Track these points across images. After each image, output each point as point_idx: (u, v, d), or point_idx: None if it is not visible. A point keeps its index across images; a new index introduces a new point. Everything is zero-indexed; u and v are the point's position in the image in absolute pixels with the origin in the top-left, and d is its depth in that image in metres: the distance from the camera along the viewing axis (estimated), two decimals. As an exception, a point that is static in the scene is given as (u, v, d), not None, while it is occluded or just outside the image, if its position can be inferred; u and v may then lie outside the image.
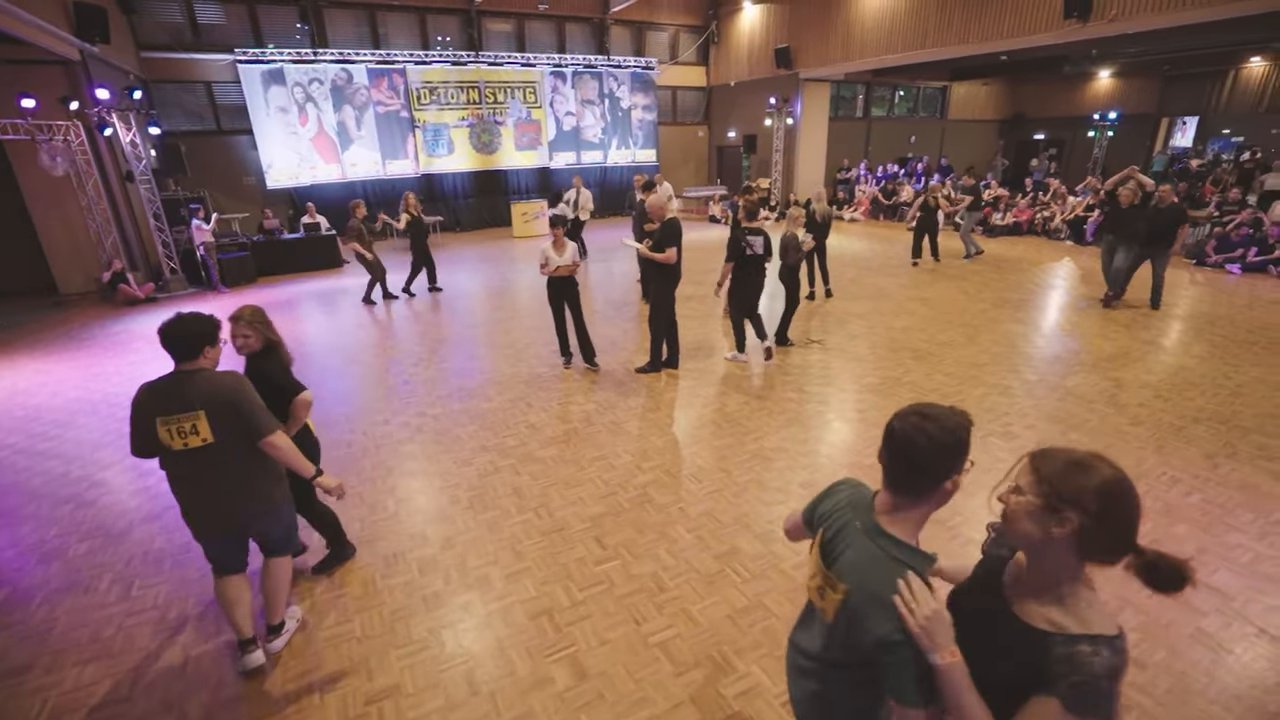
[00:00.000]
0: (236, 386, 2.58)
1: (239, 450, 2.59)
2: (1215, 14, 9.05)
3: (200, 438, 2.50)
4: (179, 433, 2.48)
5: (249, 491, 2.69)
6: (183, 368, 2.54)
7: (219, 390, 2.53)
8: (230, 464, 2.60)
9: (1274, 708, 2.49)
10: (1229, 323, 7.43)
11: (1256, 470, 4.21)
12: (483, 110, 16.08)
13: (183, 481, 2.58)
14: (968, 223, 11.39)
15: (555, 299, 6.10)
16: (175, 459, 2.52)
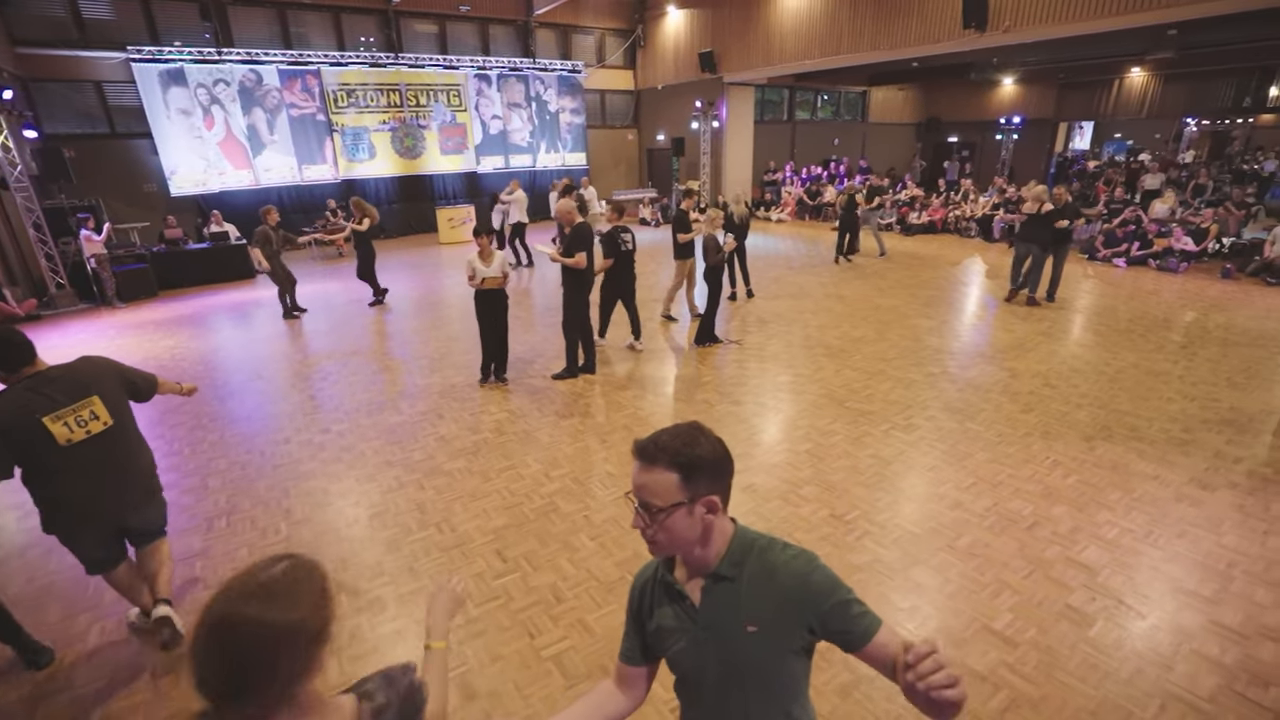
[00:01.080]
0: (109, 359, 2.78)
1: (131, 427, 2.79)
2: (1094, 28, 9.71)
3: (100, 422, 2.61)
4: (78, 423, 2.54)
5: (146, 467, 2.90)
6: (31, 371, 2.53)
7: (101, 368, 2.69)
8: (130, 442, 2.79)
9: (1125, 674, 2.65)
10: (1112, 313, 7.98)
11: (1127, 450, 4.51)
12: (405, 114, 15.64)
13: (83, 474, 2.60)
14: (872, 221, 11.83)
15: (483, 313, 5.70)
16: (73, 453, 2.54)
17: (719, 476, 1.17)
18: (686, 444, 1.14)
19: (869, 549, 3.46)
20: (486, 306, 5.69)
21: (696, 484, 1.13)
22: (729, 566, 1.20)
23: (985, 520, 3.71)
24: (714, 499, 1.16)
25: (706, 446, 1.15)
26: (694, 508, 1.14)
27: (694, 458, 1.13)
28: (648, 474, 1.14)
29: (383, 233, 15.90)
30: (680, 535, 1.16)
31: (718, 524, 1.19)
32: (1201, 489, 4.02)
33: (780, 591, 1.17)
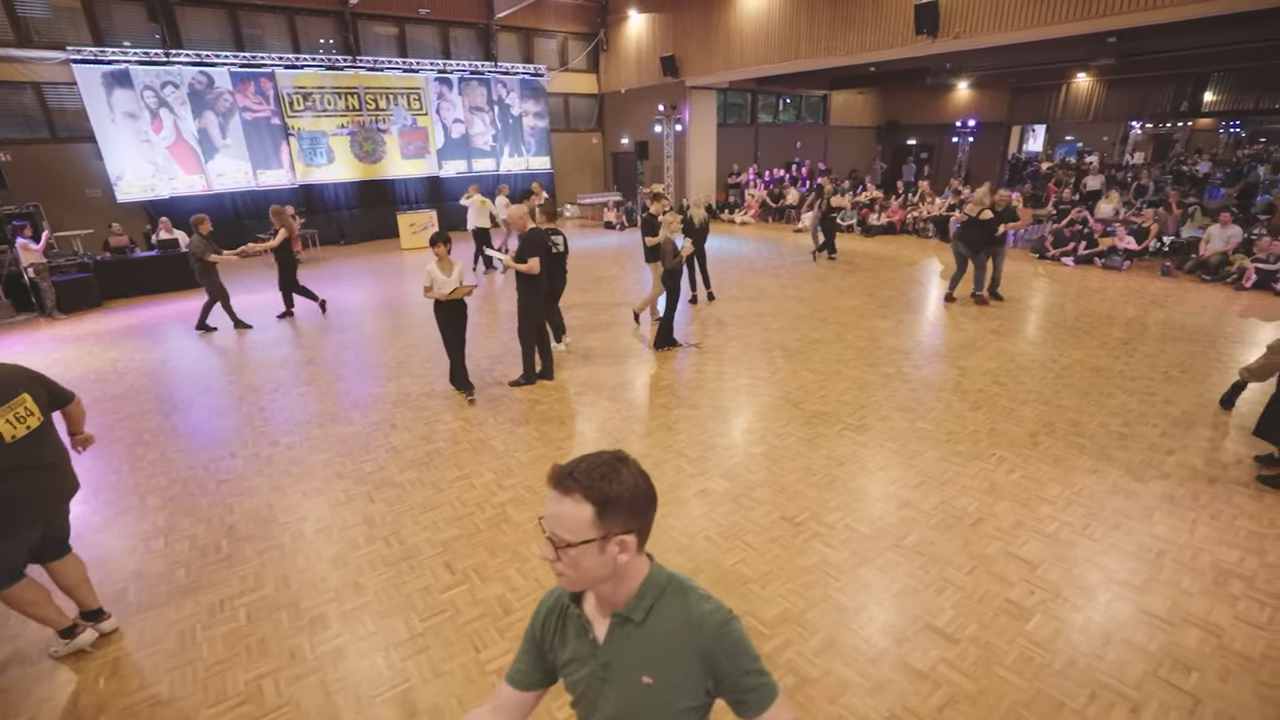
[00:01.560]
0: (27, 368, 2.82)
1: (53, 427, 2.84)
2: (1038, 35, 10.03)
3: (35, 418, 2.69)
4: (17, 419, 2.61)
5: (68, 465, 2.92)
6: None
7: (14, 369, 2.73)
8: (54, 440, 2.84)
9: (1058, 666, 2.72)
10: (1060, 311, 8.23)
11: (1069, 446, 4.65)
12: (364, 117, 15.38)
13: (22, 472, 2.64)
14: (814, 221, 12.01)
15: (445, 324, 5.52)
16: (13, 451, 2.59)
17: (637, 514, 1.10)
18: (605, 477, 1.07)
19: (817, 550, 3.50)
20: (450, 315, 5.50)
21: (611, 521, 1.07)
22: (637, 609, 1.15)
23: (932, 518, 3.78)
24: (628, 538, 1.09)
25: (628, 481, 1.09)
26: (606, 545, 1.07)
27: (611, 493, 1.06)
28: (560, 505, 1.08)
29: (342, 239, 15.65)
30: (589, 572, 1.10)
31: (631, 564, 1.13)
32: (1136, 481, 4.17)
33: (684, 647, 1.12)
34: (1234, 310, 8.04)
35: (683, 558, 3.48)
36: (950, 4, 10.70)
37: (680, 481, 4.25)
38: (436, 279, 5.33)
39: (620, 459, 1.12)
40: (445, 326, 5.55)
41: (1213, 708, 2.52)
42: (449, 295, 5.33)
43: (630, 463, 1.12)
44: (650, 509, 1.13)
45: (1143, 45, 13.21)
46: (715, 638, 1.12)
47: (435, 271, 5.33)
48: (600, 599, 1.19)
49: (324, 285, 10.86)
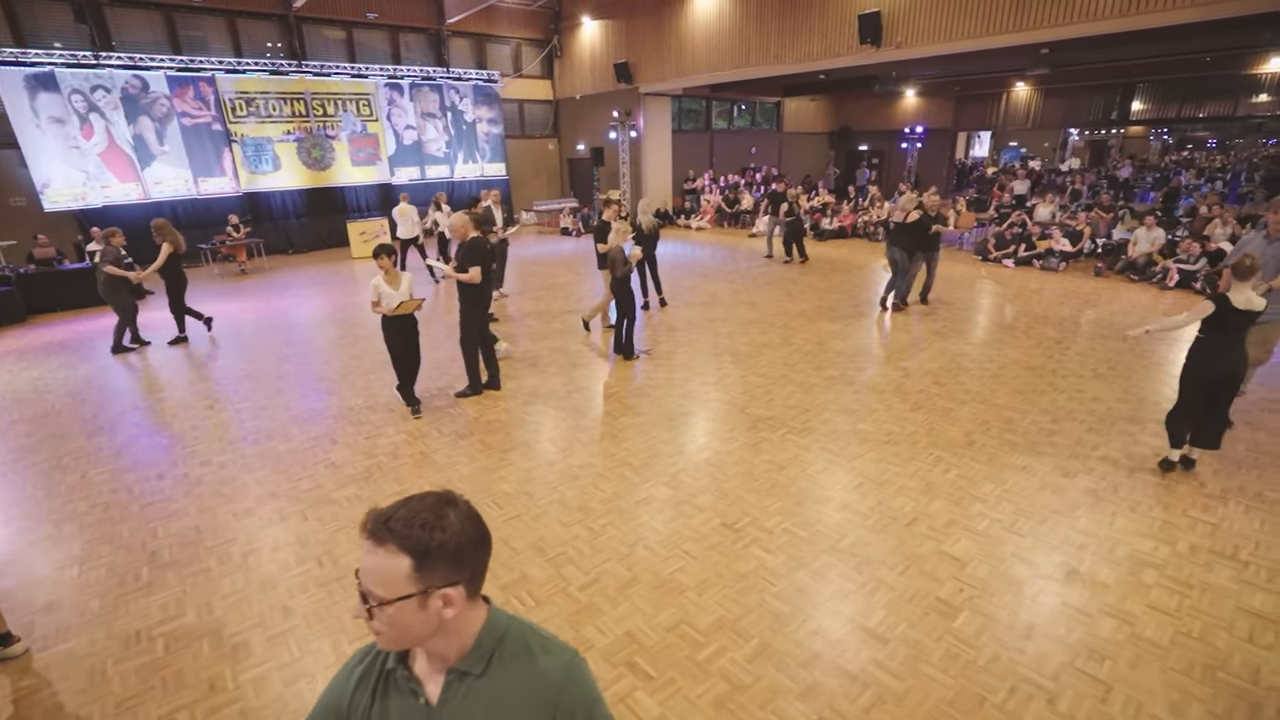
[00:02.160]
0: None
1: None
2: (975, 45, 10.38)
3: None
4: None
5: None
6: None
7: None
8: None
9: (982, 661, 2.79)
10: (1000, 311, 8.52)
11: (1002, 444, 4.79)
12: (311, 123, 15.00)
13: None
14: (769, 225, 12.23)
15: (393, 337, 5.31)
16: None
17: (463, 563, 1.00)
18: (425, 525, 0.97)
19: (755, 556, 3.52)
20: (398, 330, 5.31)
21: (432, 573, 0.96)
22: (475, 661, 1.05)
23: (868, 520, 3.85)
24: (452, 591, 0.99)
25: (452, 528, 0.99)
26: (427, 600, 0.97)
27: (432, 542, 0.96)
28: (374, 556, 0.97)
29: (291, 248, 15.22)
30: (409, 630, 0.99)
31: (463, 616, 1.03)
32: (1063, 477, 4.32)
33: (530, 698, 1.05)
34: (1159, 309, 8.45)
35: (620, 567, 3.47)
36: (892, 14, 11.00)
37: (623, 490, 4.23)
38: (383, 293, 5.14)
39: (446, 501, 1.02)
40: (393, 342, 5.36)
41: (1122, 694, 2.61)
42: (395, 310, 5.17)
43: (459, 505, 1.03)
44: (481, 555, 1.05)
45: (1074, 57, 13.80)
46: (563, 686, 1.05)
47: (381, 285, 5.14)
48: (431, 655, 1.08)
49: (270, 296, 10.58)
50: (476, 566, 1.04)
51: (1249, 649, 2.84)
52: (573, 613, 3.15)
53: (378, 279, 5.16)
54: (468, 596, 1.03)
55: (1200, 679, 2.69)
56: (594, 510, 4.02)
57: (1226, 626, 2.97)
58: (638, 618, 3.10)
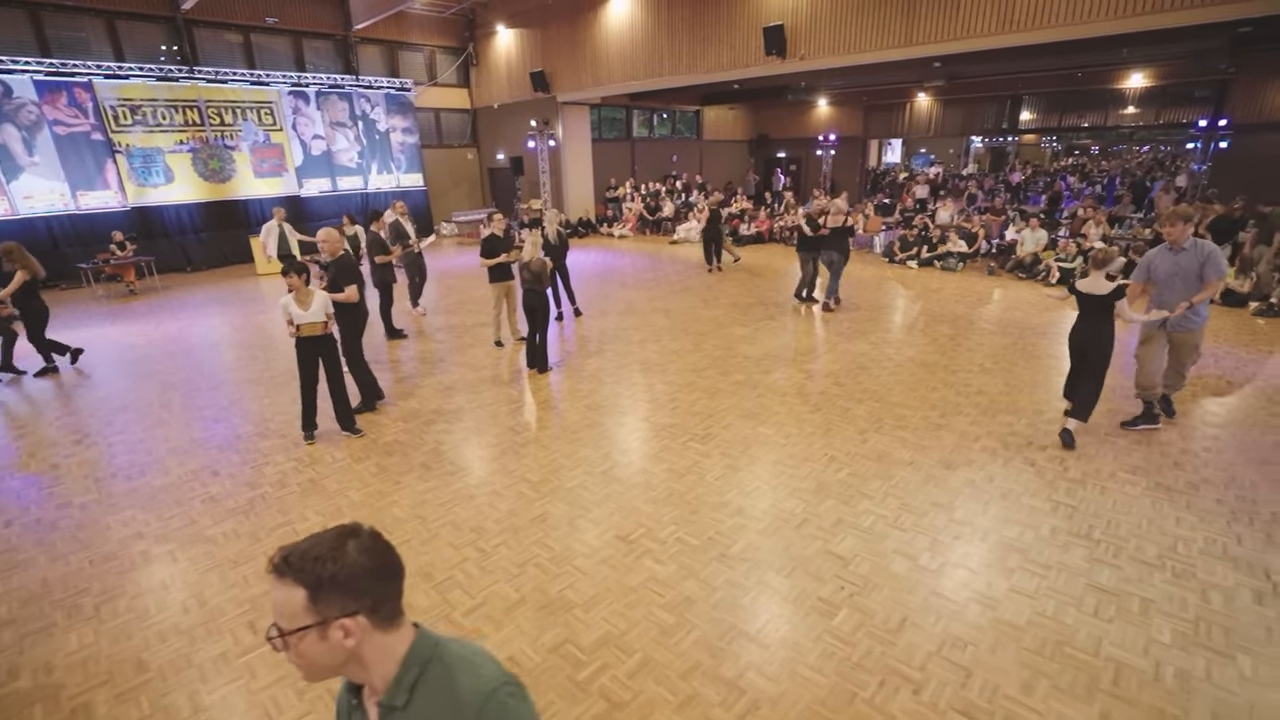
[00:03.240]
0: None
1: None
2: (873, 58, 10.89)
3: None
4: None
5: None
6: None
7: None
8: None
9: (856, 658, 2.88)
10: (902, 312, 8.92)
11: (892, 440, 5.00)
12: (207, 133, 14.17)
13: None
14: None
15: (306, 361, 4.99)
16: None
17: (362, 593, 1.01)
18: (320, 557, 0.99)
19: (646, 568, 3.52)
20: (309, 355, 5.00)
21: (327, 605, 0.99)
22: (398, 693, 1.05)
23: (760, 523, 3.92)
24: (350, 622, 1.00)
25: (350, 559, 1.00)
26: (327, 631, 0.99)
27: (325, 574, 0.98)
28: (277, 590, 1.00)
29: (189, 265, 14.31)
30: (318, 662, 1.02)
31: (373, 645, 1.03)
32: (946, 469, 4.54)
33: None
34: (1042, 304, 9.06)
35: (509, 588, 3.39)
36: (795, 28, 11.40)
37: (519, 508, 4.15)
38: (293, 313, 4.82)
39: (348, 534, 1.04)
40: (305, 364, 5.02)
41: (980, 678, 2.75)
42: (297, 333, 4.87)
43: (361, 536, 1.04)
44: (384, 583, 1.05)
45: (964, 70, 14.71)
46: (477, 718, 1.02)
47: (291, 305, 4.82)
48: (368, 687, 1.10)
49: (160, 318, 9.89)
50: (380, 595, 1.04)
51: (1094, 623, 3.04)
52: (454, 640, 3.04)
53: (287, 299, 4.84)
54: (373, 625, 1.03)
55: (1050, 656, 2.86)
56: (487, 531, 3.92)
57: (1076, 603, 3.17)
58: (521, 640, 3.03)
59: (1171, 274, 4.82)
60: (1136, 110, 16.53)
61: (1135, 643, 2.92)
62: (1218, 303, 8.70)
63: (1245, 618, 3.07)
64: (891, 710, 2.61)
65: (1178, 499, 4.09)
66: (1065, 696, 2.65)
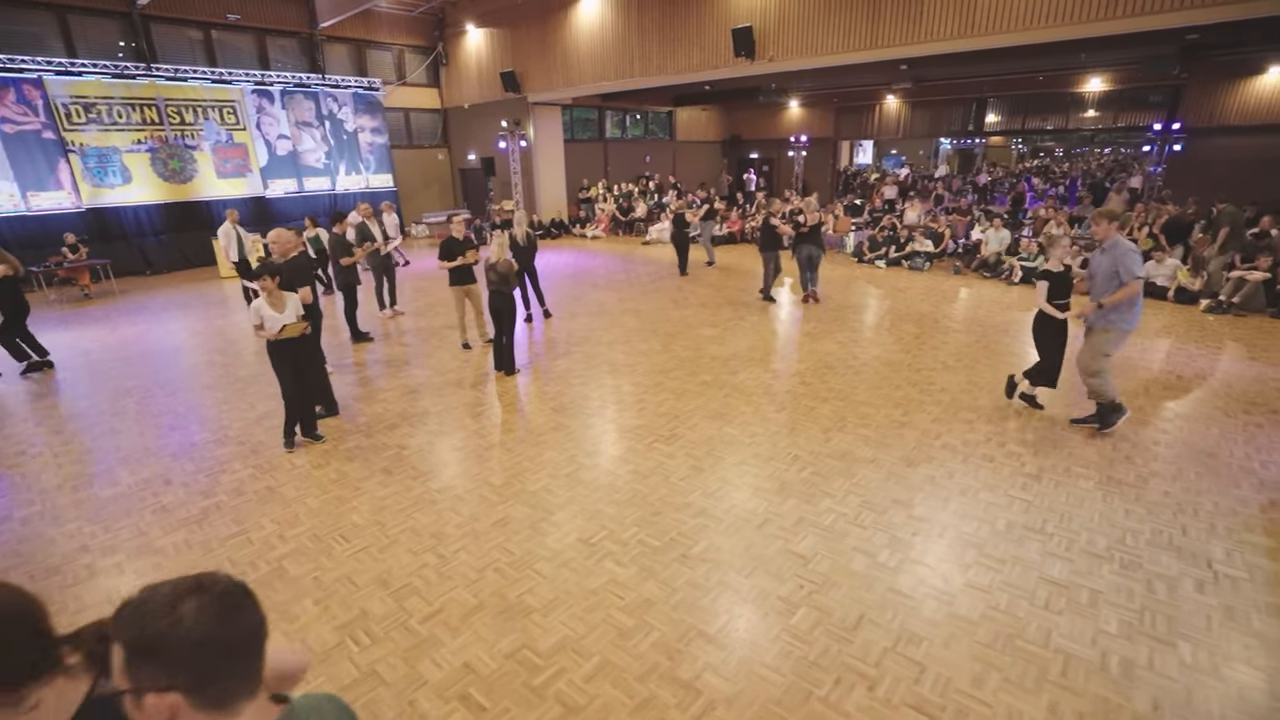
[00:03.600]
0: None
1: None
2: (841, 60, 11.04)
3: None
4: None
5: None
6: None
7: None
8: None
9: (812, 656, 2.89)
10: (869, 310, 9.04)
11: (855, 438, 5.05)
12: (166, 132, 13.81)
13: None
14: (706, 232, 12.48)
15: (282, 364, 4.89)
16: None
17: (183, 666, 0.84)
18: (150, 614, 0.84)
19: (607, 570, 3.50)
20: (287, 356, 4.89)
21: (140, 671, 0.84)
22: None
23: (722, 524, 3.93)
24: (160, 699, 0.84)
25: (184, 622, 0.84)
26: (140, 702, 0.84)
27: (143, 635, 0.84)
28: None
29: (149, 268, 13.93)
30: None
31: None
32: (907, 466, 4.60)
33: None
34: (1006, 302, 9.25)
35: (468, 594, 3.35)
36: (763, 30, 11.49)
37: (480, 512, 4.11)
38: (266, 316, 4.72)
39: (192, 589, 0.88)
40: (283, 371, 4.92)
41: (934, 673, 2.78)
42: (279, 335, 4.75)
43: (208, 595, 0.87)
44: (220, 660, 0.87)
45: (931, 73, 14.98)
46: None
47: (264, 307, 4.71)
48: None
49: (117, 323, 9.61)
50: (208, 672, 0.86)
51: (1044, 615, 3.10)
52: (410, 648, 3.00)
53: (259, 301, 4.74)
54: (194, 707, 0.85)
55: (1002, 649, 2.91)
56: (447, 536, 3.87)
57: (1029, 597, 3.24)
58: (479, 646, 2.99)
59: (1094, 272, 4.91)
60: (1096, 114, 17.00)
61: (1083, 634, 2.99)
62: (1171, 301, 8.98)
63: (1187, 606, 3.16)
64: (846, 708, 2.63)
65: (1128, 492, 4.20)
66: (1015, 689, 2.70)
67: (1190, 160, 14.28)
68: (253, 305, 4.76)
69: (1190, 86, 13.93)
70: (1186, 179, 13.77)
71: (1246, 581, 3.33)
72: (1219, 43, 11.42)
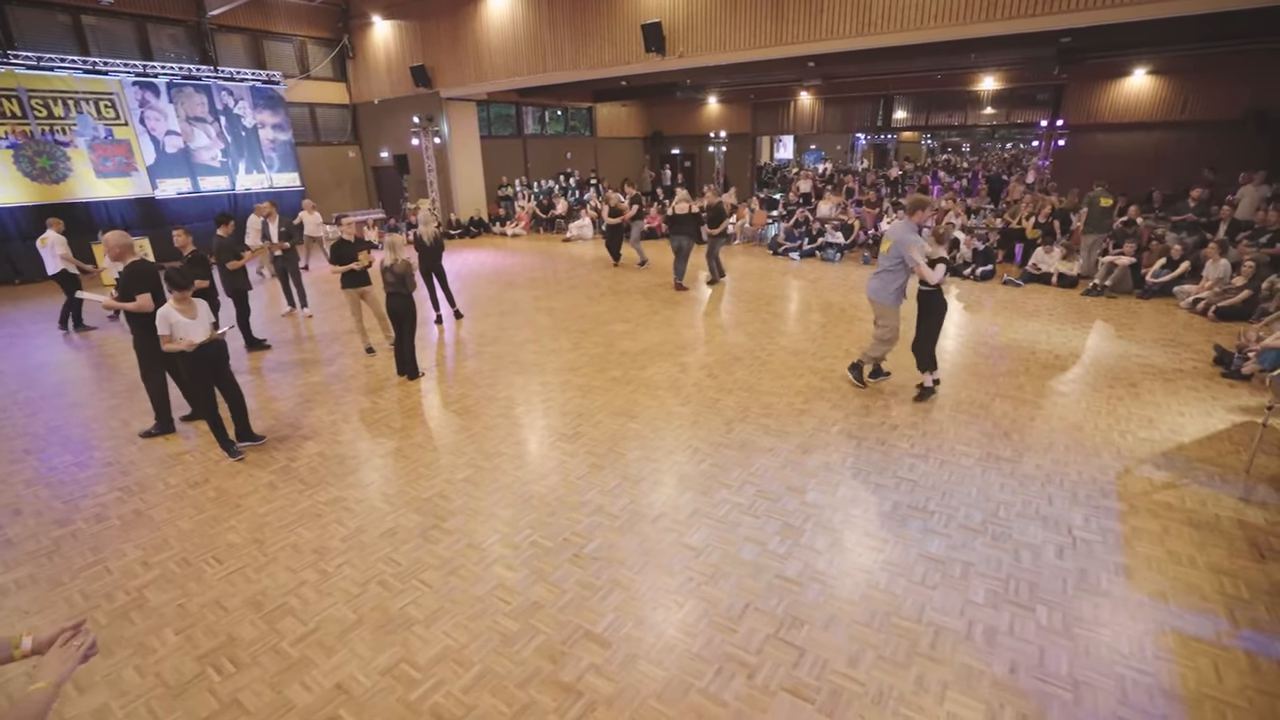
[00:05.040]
0: None
1: None
2: (748, 56, 11.21)
3: None
4: None
5: None
6: None
7: None
8: None
9: (696, 648, 2.90)
10: (781, 300, 9.25)
11: (756, 428, 5.13)
12: (31, 127, 12.58)
13: None
14: (636, 231, 12.37)
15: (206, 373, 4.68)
16: None
17: None
18: None
19: (496, 575, 3.42)
20: (206, 364, 4.65)
21: None
22: None
23: (617, 521, 3.90)
24: None
25: None
26: None
27: None
28: None
29: (17, 277, 12.68)
30: None
31: None
32: (804, 453, 4.71)
33: None
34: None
35: (347, 610, 3.19)
36: (672, 26, 11.55)
37: (368, 524, 3.93)
38: (177, 325, 4.42)
39: None
40: (205, 376, 4.67)
41: (812, 656, 2.85)
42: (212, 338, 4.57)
43: None
44: None
45: (838, 70, 15.47)
46: None
47: (174, 315, 4.42)
48: None
49: (-31, 338, 8.68)
50: None
51: (919, 590, 3.24)
52: (279, 672, 2.82)
53: (168, 308, 4.44)
54: None
55: (878, 628, 3.01)
56: (331, 550, 3.68)
57: (906, 574, 3.37)
58: (354, 665, 2.85)
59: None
60: (992, 111, 18.03)
61: (953, 606, 3.13)
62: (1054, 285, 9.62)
63: (1047, 572, 3.36)
64: (724, 698, 2.65)
65: (1004, 467, 4.45)
66: (887, 664, 2.79)
67: (1073, 154, 15.38)
68: (160, 313, 4.45)
69: (1070, 86, 14.98)
70: (1070, 172, 14.82)
71: (1100, 544, 3.58)
72: (1091, 46, 12.32)
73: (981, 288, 9.81)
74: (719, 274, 10.28)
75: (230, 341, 5.33)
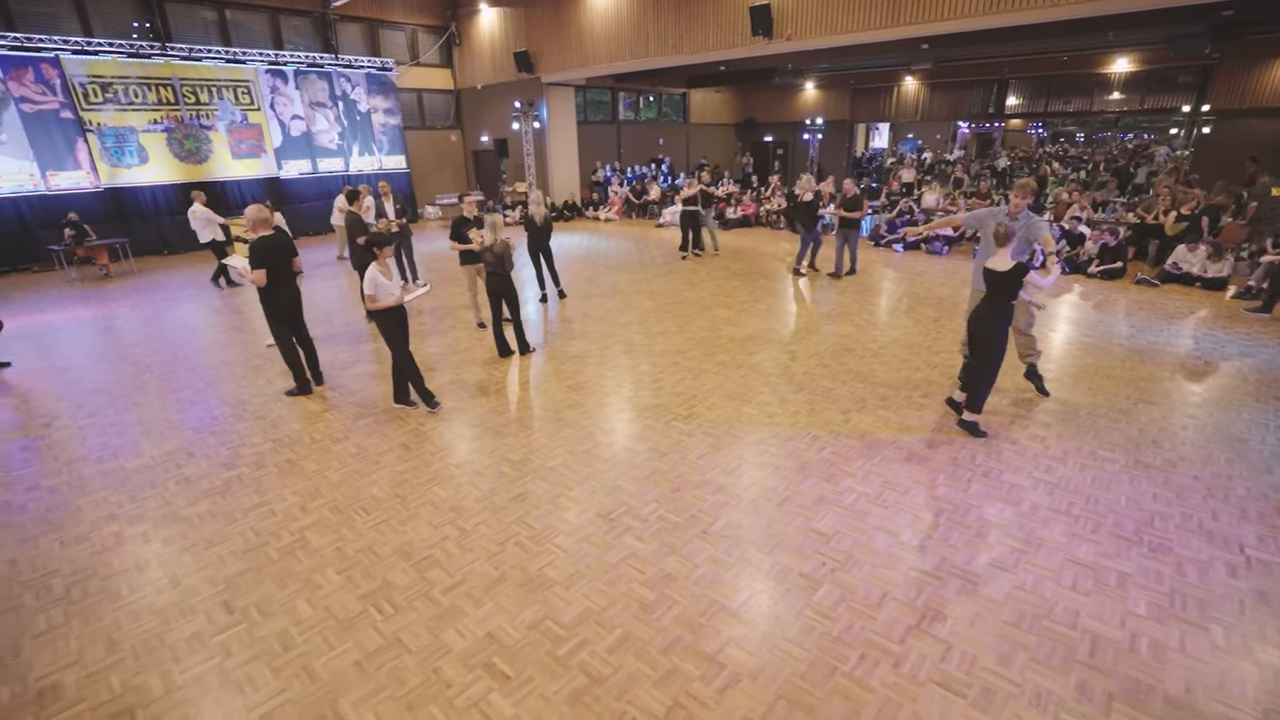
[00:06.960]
0: None
1: None
2: (860, 39, 10.81)
3: None
4: None
5: None
6: None
7: None
8: None
9: (836, 632, 2.87)
10: (887, 294, 8.92)
11: (875, 420, 5.00)
12: (182, 112, 13.82)
13: None
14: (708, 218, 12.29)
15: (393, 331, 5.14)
16: None
17: None
18: None
19: (627, 545, 3.50)
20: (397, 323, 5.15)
21: None
22: None
23: (742, 501, 3.91)
24: None
25: None
26: None
27: None
28: None
29: (165, 248, 14.02)
30: None
31: None
32: (929, 448, 4.55)
33: None
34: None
35: (489, 566, 3.35)
36: (781, 8, 11.28)
37: (498, 487, 4.11)
38: (381, 285, 4.93)
39: None
40: (394, 333, 5.13)
41: (959, 651, 2.76)
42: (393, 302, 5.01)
43: None
44: None
45: (951, 53, 14.64)
46: None
47: (379, 278, 4.92)
48: None
49: (138, 300, 9.74)
50: None
51: (1071, 596, 3.07)
52: (433, 617, 3.01)
53: (373, 270, 4.92)
54: None
55: (1028, 629, 2.87)
56: (467, 510, 3.88)
57: (1055, 577, 3.20)
58: (501, 617, 3.00)
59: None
60: (1122, 96, 16.57)
61: (1112, 615, 2.95)
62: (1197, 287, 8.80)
63: (1219, 590, 3.10)
64: (871, 683, 2.61)
65: (1155, 475, 4.13)
66: (1041, 667, 2.67)
67: (1218, 142, 13.93)
68: (368, 275, 4.91)
69: (1221, 66, 13.55)
70: (1214, 162, 13.44)
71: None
72: (1254, 20, 11.07)
73: (1110, 286, 9.10)
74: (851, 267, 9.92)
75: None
